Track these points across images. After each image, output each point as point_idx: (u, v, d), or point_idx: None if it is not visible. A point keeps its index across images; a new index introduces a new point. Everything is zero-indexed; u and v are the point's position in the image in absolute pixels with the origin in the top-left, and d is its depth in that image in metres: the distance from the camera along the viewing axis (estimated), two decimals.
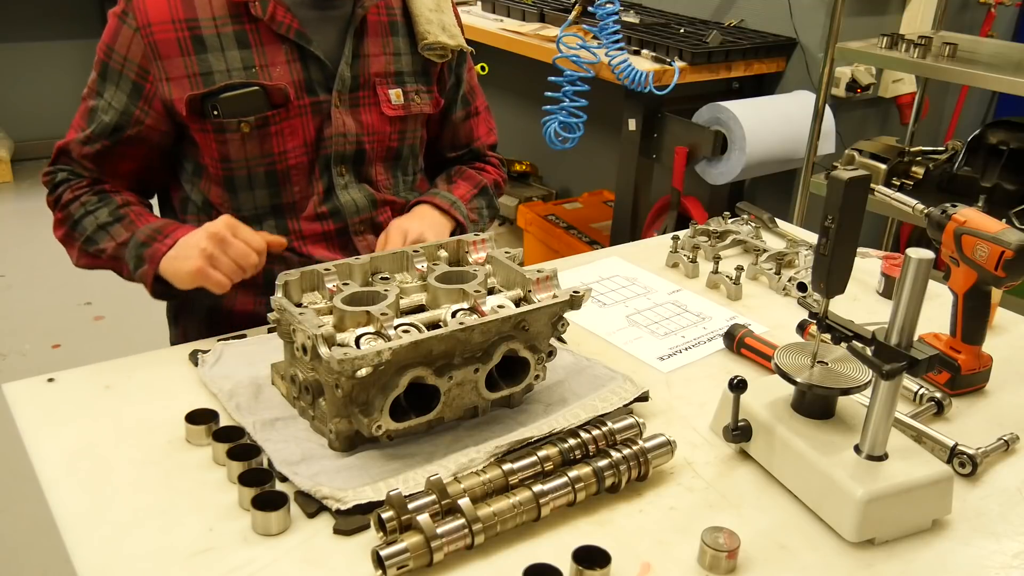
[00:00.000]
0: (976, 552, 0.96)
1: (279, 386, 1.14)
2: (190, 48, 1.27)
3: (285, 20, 1.30)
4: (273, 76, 1.30)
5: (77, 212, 1.33)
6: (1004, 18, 3.63)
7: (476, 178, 1.58)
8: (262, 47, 1.30)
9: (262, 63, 1.30)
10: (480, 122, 1.62)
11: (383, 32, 1.41)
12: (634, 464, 0.99)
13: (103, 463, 1.01)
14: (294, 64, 1.32)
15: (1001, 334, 1.44)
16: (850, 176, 0.95)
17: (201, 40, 1.27)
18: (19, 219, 4.17)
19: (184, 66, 1.27)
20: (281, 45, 1.31)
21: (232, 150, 1.31)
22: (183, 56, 1.27)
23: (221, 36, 1.28)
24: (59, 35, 4.70)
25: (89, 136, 1.34)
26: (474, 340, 1.04)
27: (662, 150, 2.84)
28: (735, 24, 3.16)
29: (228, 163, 1.33)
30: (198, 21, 1.28)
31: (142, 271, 1.27)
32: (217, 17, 1.28)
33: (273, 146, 1.33)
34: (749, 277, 1.57)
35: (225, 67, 1.28)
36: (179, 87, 1.27)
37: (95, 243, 1.32)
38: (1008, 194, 2.41)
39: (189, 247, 1.21)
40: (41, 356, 3.02)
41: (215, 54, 1.28)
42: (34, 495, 0.98)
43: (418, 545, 0.86)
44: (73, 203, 1.34)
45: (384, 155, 1.44)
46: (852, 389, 1.01)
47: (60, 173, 1.37)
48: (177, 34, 1.27)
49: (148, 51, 1.27)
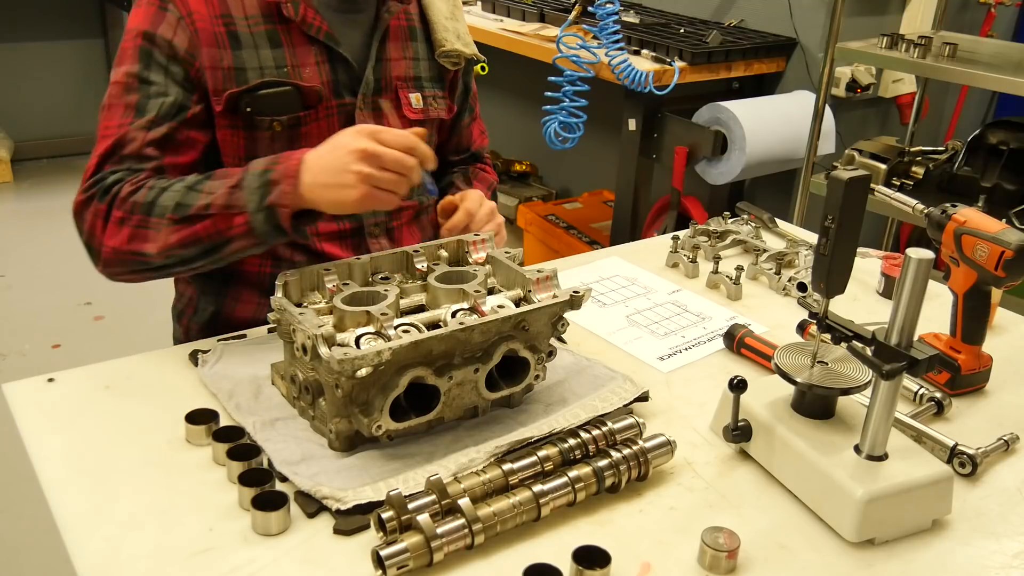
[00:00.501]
0: (976, 552, 0.96)
1: (279, 386, 1.14)
2: (226, 43, 1.26)
3: (315, 22, 1.31)
4: (303, 76, 1.31)
5: (148, 196, 1.19)
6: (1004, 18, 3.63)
7: (488, 180, 1.63)
8: (293, 48, 1.31)
9: (293, 63, 1.30)
10: (476, 125, 1.64)
11: (403, 37, 1.43)
12: (634, 464, 0.99)
13: (103, 463, 1.01)
14: (323, 66, 1.33)
15: (1001, 334, 1.44)
16: (850, 176, 0.95)
17: (236, 36, 1.27)
18: (19, 219, 4.17)
19: (220, 59, 1.26)
20: (311, 46, 1.32)
21: (260, 148, 1.31)
22: (220, 49, 1.26)
23: (254, 35, 1.28)
24: (59, 35, 4.71)
25: (153, 119, 1.24)
26: (474, 340, 1.04)
27: (662, 150, 2.84)
28: (735, 24, 3.16)
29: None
30: (233, 18, 1.28)
31: (276, 194, 1.13)
32: (249, 16, 1.29)
33: (301, 146, 1.31)
34: (749, 277, 1.57)
35: (258, 65, 1.28)
36: (214, 79, 1.26)
37: (189, 206, 1.16)
38: (1008, 194, 2.41)
39: (338, 172, 1.10)
40: (41, 356, 3.02)
41: (249, 51, 1.28)
42: (34, 495, 0.97)
43: (418, 545, 0.86)
44: (138, 191, 1.20)
45: None
46: (852, 389, 1.01)
47: (111, 176, 1.23)
48: (214, 28, 1.26)
49: (193, 38, 1.25)
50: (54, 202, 4.28)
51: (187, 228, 1.17)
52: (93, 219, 1.23)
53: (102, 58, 4.84)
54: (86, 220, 1.24)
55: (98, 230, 1.22)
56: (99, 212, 1.22)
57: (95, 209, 1.22)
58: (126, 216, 1.20)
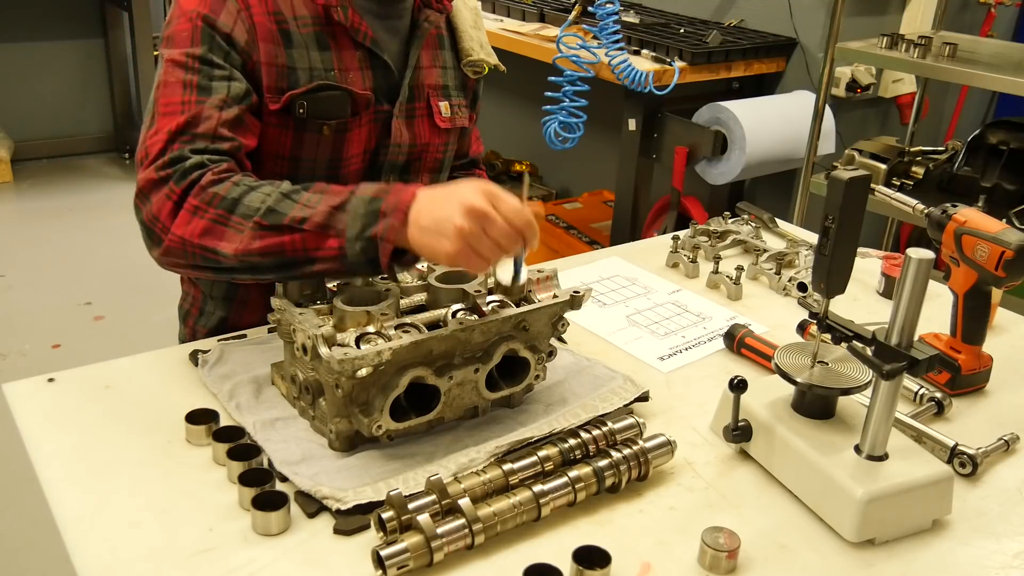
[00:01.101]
0: (976, 552, 0.96)
1: (279, 386, 1.14)
2: (279, 40, 1.25)
3: (362, 27, 1.30)
4: (348, 81, 1.30)
5: (232, 192, 1.10)
6: (1004, 18, 3.63)
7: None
8: (339, 51, 1.30)
9: (340, 67, 1.30)
10: (476, 133, 1.64)
11: (434, 45, 1.43)
12: (634, 464, 0.99)
13: (103, 463, 1.01)
14: (366, 71, 1.32)
15: (1001, 334, 1.44)
16: (850, 176, 0.95)
17: (288, 35, 1.26)
18: (19, 219, 4.17)
19: (275, 55, 1.25)
20: (356, 51, 1.31)
21: (306, 150, 1.30)
22: (274, 45, 1.25)
23: (304, 35, 1.28)
24: (59, 35, 4.70)
25: (226, 100, 1.18)
26: (474, 340, 1.04)
27: (662, 150, 2.84)
28: (735, 24, 3.16)
29: (297, 162, 1.30)
30: (284, 17, 1.27)
31: (382, 227, 1.04)
32: (299, 17, 1.28)
33: (343, 151, 1.32)
34: (749, 277, 1.57)
35: (308, 66, 1.27)
36: (269, 75, 1.25)
37: (282, 214, 1.07)
38: (1008, 194, 2.41)
39: (442, 221, 1.01)
40: (41, 356, 3.02)
41: (299, 51, 1.27)
42: (34, 495, 0.98)
43: (418, 545, 0.86)
44: (222, 183, 1.11)
45: (431, 166, 1.45)
46: (852, 389, 1.01)
47: (191, 157, 1.13)
48: (269, 24, 1.25)
49: (251, 31, 1.23)
50: (54, 202, 4.28)
51: (273, 237, 1.08)
52: (162, 202, 1.12)
53: (102, 58, 4.84)
54: (153, 202, 1.13)
55: (165, 214, 1.12)
56: (172, 195, 1.12)
57: (168, 191, 1.12)
58: (203, 206, 1.10)
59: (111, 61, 4.81)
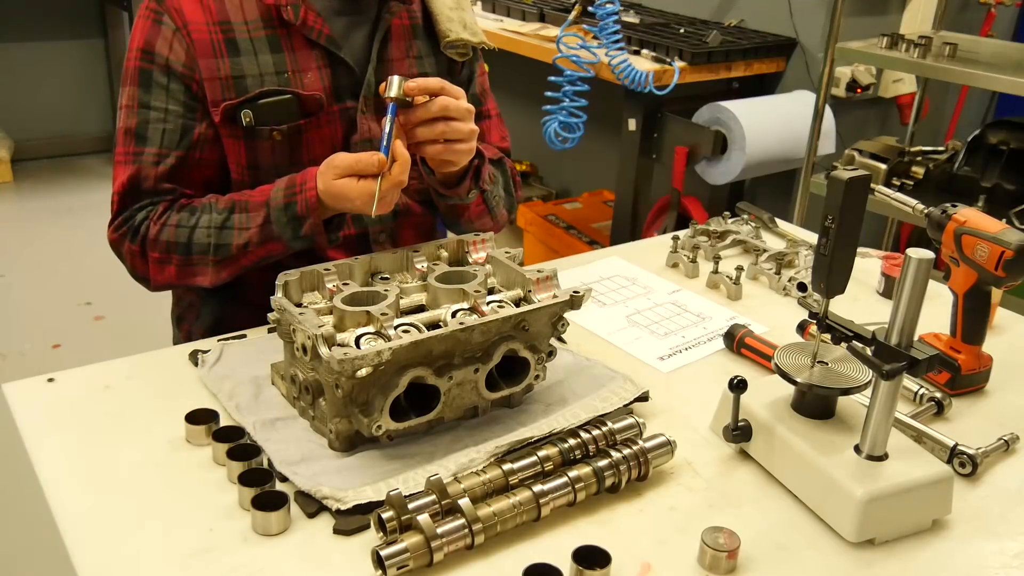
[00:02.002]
0: (976, 552, 0.96)
1: (279, 386, 1.14)
2: (223, 51, 1.26)
3: (316, 25, 1.29)
4: (305, 82, 1.30)
5: (179, 236, 1.25)
6: (1004, 18, 3.63)
7: (496, 152, 1.55)
8: (293, 52, 1.29)
9: (294, 68, 1.29)
10: (492, 126, 1.59)
11: (406, 36, 1.41)
12: (634, 464, 0.99)
13: (103, 463, 1.01)
14: (324, 70, 1.31)
15: (1001, 334, 1.44)
16: (850, 176, 0.95)
17: (235, 43, 1.26)
18: (19, 219, 4.17)
19: (218, 68, 1.25)
20: (312, 51, 1.30)
21: (262, 158, 1.30)
22: (216, 58, 1.25)
23: (254, 40, 1.27)
24: (59, 35, 4.70)
25: (159, 153, 1.27)
26: (474, 340, 1.04)
27: (662, 150, 2.84)
28: (735, 24, 3.16)
29: (256, 170, 1.31)
30: (231, 24, 1.27)
31: (306, 227, 1.21)
32: (249, 21, 1.27)
33: (302, 154, 1.32)
34: (749, 277, 1.57)
35: (258, 72, 1.27)
36: (212, 89, 1.26)
37: (227, 247, 1.24)
38: (1008, 194, 2.41)
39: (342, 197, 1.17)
40: (41, 356, 3.02)
41: (248, 58, 1.27)
42: (34, 495, 0.98)
43: (418, 545, 0.86)
44: (164, 231, 1.26)
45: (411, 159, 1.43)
46: (852, 389, 1.01)
47: (137, 214, 1.28)
48: (211, 36, 1.25)
49: (191, 50, 1.24)
50: (54, 202, 4.28)
51: (233, 263, 1.26)
52: (132, 258, 1.30)
53: (102, 58, 4.84)
54: (125, 258, 1.31)
55: (139, 268, 1.30)
56: (134, 253, 1.29)
57: (129, 249, 1.29)
58: (164, 256, 1.27)
59: (111, 61, 4.81)
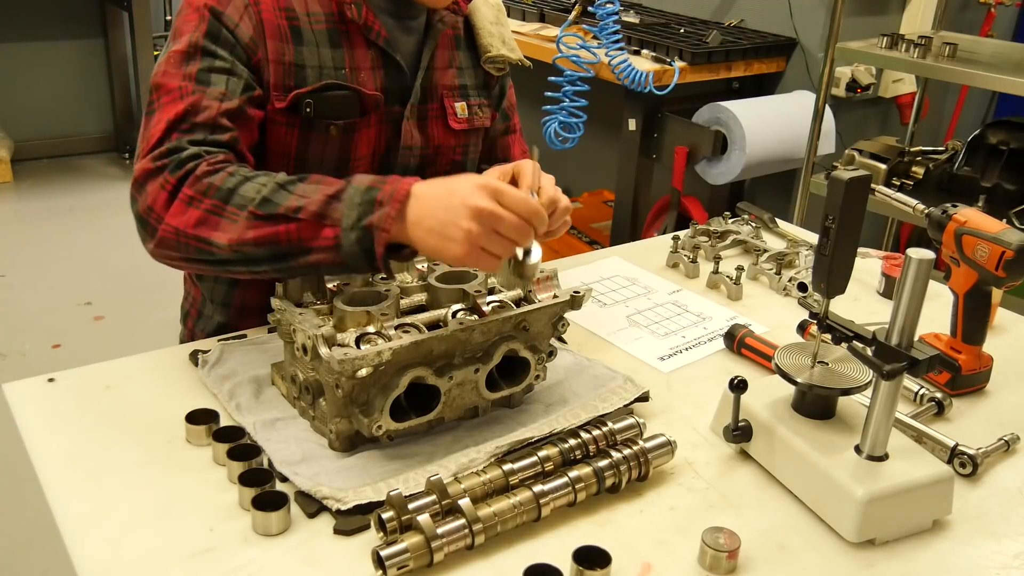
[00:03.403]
0: (976, 552, 0.96)
1: (279, 386, 1.14)
2: (289, 36, 1.24)
3: (375, 26, 1.29)
4: (359, 80, 1.29)
5: (228, 182, 1.09)
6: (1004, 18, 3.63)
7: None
8: (352, 50, 1.28)
9: (352, 66, 1.28)
10: (516, 140, 1.59)
11: (450, 45, 1.41)
12: (634, 464, 0.99)
13: (103, 463, 1.01)
14: (378, 71, 1.31)
15: (1001, 334, 1.44)
16: (850, 176, 0.95)
17: (299, 32, 1.25)
18: (19, 219, 4.17)
19: (282, 52, 1.24)
20: (368, 51, 1.30)
21: (313, 150, 1.28)
22: (282, 42, 1.24)
23: (316, 32, 1.26)
24: (59, 35, 4.70)
25: (224, 92, 1.17)
26: (474, 340, 1.03)
27: (662, 150, 2.84)
28: (735, 24, 3.16)
29: (303, 162, 1.29)
30: (296, 13, 1.25)
31: (378, 216, 1.02)
32: (312, 13, 1.26)
33: (351, 152, 1.31)
34: (749, 277, 1.57)
35: (318, 64, 1.26)
36: (276, 73, 1.23)
37: (277, 204, 1.06)
38: (1008, 194, 2.41)
39: (447, 223, 0.99)
40: (41, 356, 3.02)
41: (310, 48, 1.25)
42: (34, 495, 0.97)
43: (418, 545, 0.86)
44: (216, 175, 1.10)
45: (447, 169, 1.42)
46: (852, 389, 1.01)
47: (187, 148, 1.12)
48: (278, 19, 1.24)
49: (258, 27, 1.22)
50: (54, 202, 4.28)
51: (268, 227, 1.06)
52: (157, 192, 1.11)
53: (102, 58, 4.84)
54: (148, 192, 1.12)
55: (160, 205, 1.10)
56: (167, 185, 1.10)
57: (163, 181, 1.11)
58: (197, 196, 1.09)
59: (111, 61, 4.81)
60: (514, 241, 1.00)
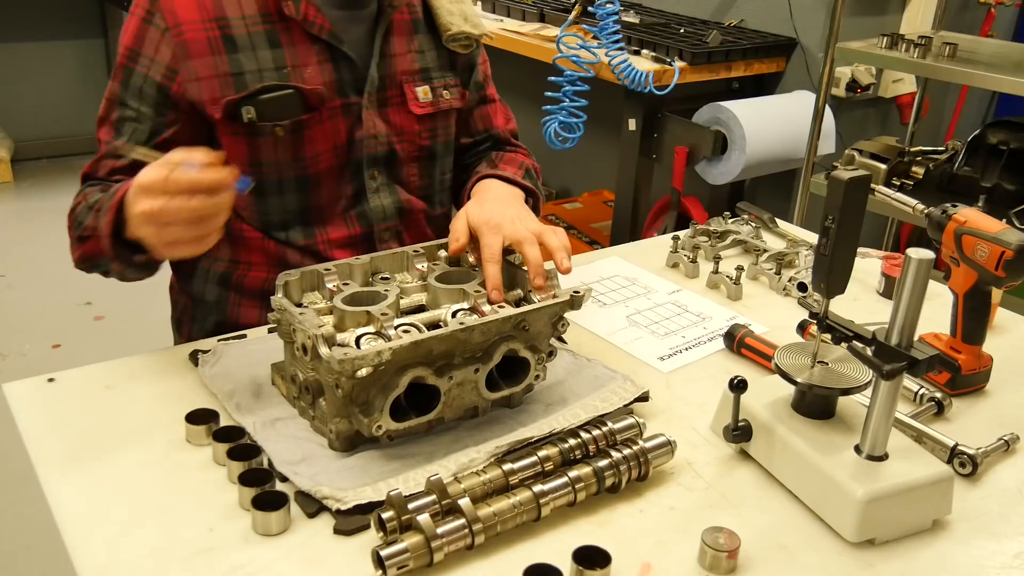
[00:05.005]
0: (976, 552, 0.96)
1: (279, 386, 1.14)
2: (221, 47, 1.25)
3: (317, 20, 1.28)
4: (305, 77, 1.28)
5: (77, 209, 1.26)
6: (1004, 18, 3.63)
7: (517, 159, 1.52)
8: (293, 47, 1.28)
9: (294, 63, 1.28)
10: (496, 110, 1.58)
11: (407, 30, 1.40)
12: (634, 464, 0.99)
13: (103, 463, 1.01)
14: (325, 65, 1.30)
15: (1001, 334, 1.44)
16: (850, 176, 0.95)
17: (232, 39, 1.25)
18: (19, 219, 4.17)
19: (215, 65, 1.24)
20: (312, 45, 1.29)
21: (264, 154, 1.29)
22: (214, 55, 1.24)
23: (252, 35, 1.26)
24: (59, 35, 4.70)
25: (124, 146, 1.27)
26: (474, 340, 1.04)
27: (662, 150, 2.84)
28: (735, 24, 3.16)
29: (259, 167, 1.30)
30: (228, 20, 1.25)
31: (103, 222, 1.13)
32: (247, 16, 1.26)
33: (305, 150, 1.31)
34: (749, 277, 1.57)
35: (257, 67, 1.26)
36: (209, 88, 1.25)
37: (82, 225, 1.22)
38: (1008, 194, 2.41)
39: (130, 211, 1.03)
40: (41, 356, 3.02)
41: (246, 54, 1.26)
42: (34, 495, 0.98)
43: (418, 545, 0.86)
44: (78, 206, 1.26)
45: (417, 154, 1.43)
46: (852, 389, 1.01)
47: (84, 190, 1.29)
48: (207, 33, 1.24)
49: (177, 51, 1.24)
50: (54, 202, 4.27)
51: (83, 245, 1.24)
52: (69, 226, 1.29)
53: (102, 58, 4.84)
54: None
55: None
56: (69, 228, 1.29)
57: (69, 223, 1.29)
58: (70, 228, 1.27)
59: (111, 61, 4.81)
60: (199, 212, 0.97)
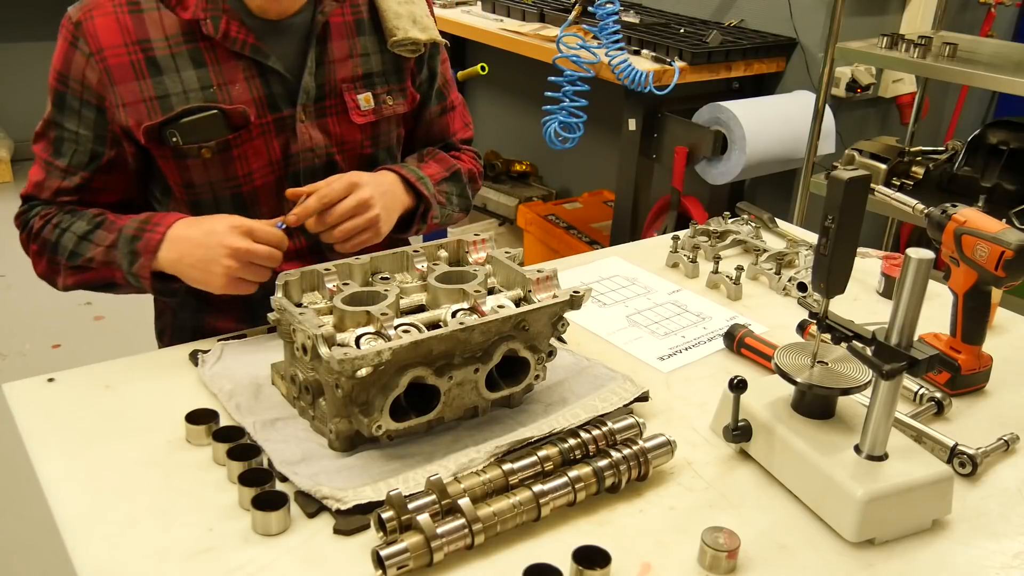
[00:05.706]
0: (976, 552, 0.96)
1: (279, 386, 1.14)
2: (144, 71, 1.23)
3: (240, 36, 1.24)
4: (233, 94, 1.26)
5: (53, 235, 1.27)
6: (1004, 18, 3.62)
7: (449, 161, 1.48)
8: (219, 65, 1.25)
9: (220, 82, 1.25)
10: (456, 117, 1.55)
11: (348, 33, 1.35)
12: (634, 464, 0.99)
13: (103, 463, 1.01)
14: (253, 81, 1.27)
15: (1001, 334, 1.44)
16: (850, 176, 0.95)
17: (155, 62, 1.23)
18: None
19: (140, 90, 1.23)
20: (238, 62, 1.26)
21: (195, 175, 1.28)
22: (138, 80, 1.23)
23: (175, 57, 1.23)
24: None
25: (67, 169, 1.29)
26: (474, 340, 1.04)
27: (662, 150, 2.84)
28: (735, 24, 3.16)
29: (192, 188, 1.29)
30: (151, 42, 1.23)
31: (138, 265, 1.21)
32: (170, 37, 1.23)
33: (237, 169, 1.29)
34: (749, 277, 1.57)
35: (182, 89, 1.24)
36: (135, 113, 1.23)
37: (79, 255, 1.25)
38: (1008, 194, 2.41)
39: (207, 261, 1.17)
40: (41, 356, 3.02)
41: (171, 76, 1.23)
42: (34, 495, 0.98)
43: (418, 545, 0.86)
44: (45, 228, 1.28)
45: (357, 163, 1.39)
46: (852, 389, 1.01)
47: (32, 209, 1.32)
48: (131, 57, 1.22)
49: (103, 77, 1.23)
50: None
51: (80, 274, 1.28)
52: (24, 247, 1.34)
53: None
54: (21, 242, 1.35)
55: (29, 256, 1.34)
56: (24, 242, 1.33)
57: (22, 239, 1.34)
58: (40, 250, 1.30)
59: None
60: (267, 268, 1.19)
